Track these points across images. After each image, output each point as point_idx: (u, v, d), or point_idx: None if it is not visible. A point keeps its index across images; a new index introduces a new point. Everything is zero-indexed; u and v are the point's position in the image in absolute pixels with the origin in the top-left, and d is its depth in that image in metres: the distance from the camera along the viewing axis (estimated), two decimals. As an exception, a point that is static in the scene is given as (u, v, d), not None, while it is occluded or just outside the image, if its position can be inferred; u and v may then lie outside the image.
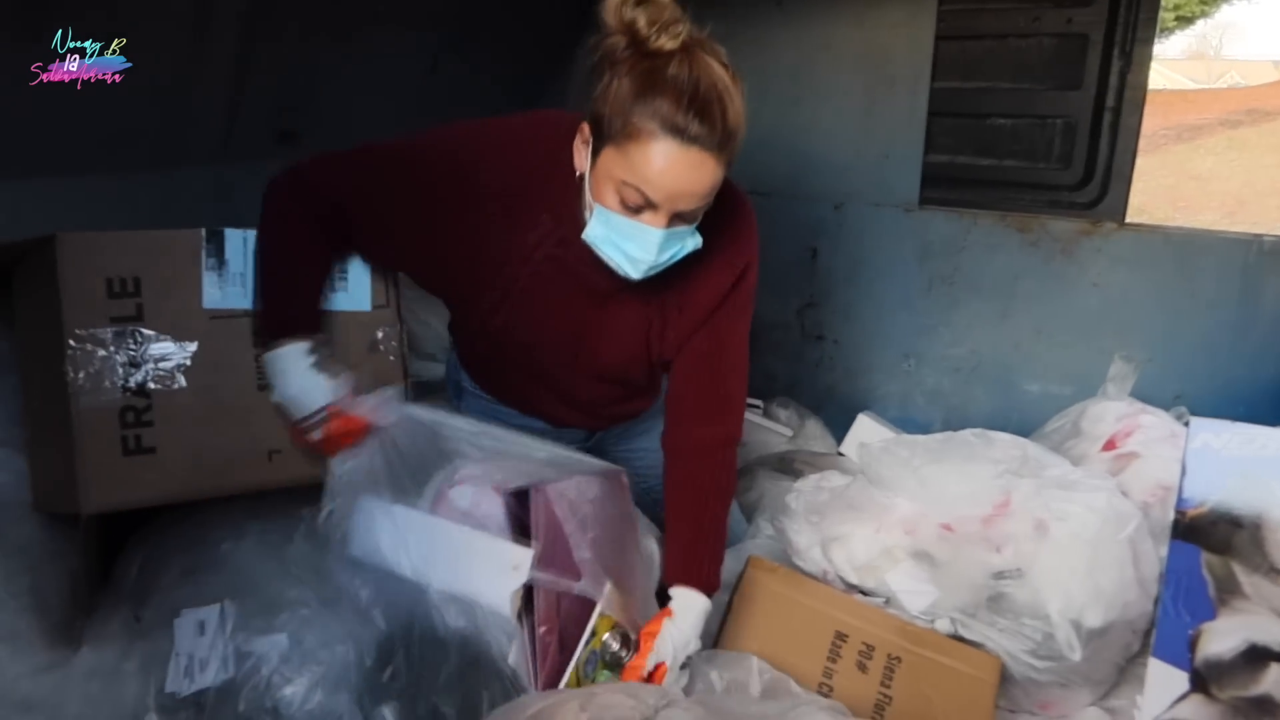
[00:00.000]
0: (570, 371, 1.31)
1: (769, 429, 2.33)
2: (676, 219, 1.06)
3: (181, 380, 1.17)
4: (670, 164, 1.00)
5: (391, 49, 2.05)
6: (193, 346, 1.18)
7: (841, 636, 1.36)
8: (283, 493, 1.27)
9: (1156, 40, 1.97)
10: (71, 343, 1.10)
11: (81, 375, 1.11)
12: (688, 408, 1.29)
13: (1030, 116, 2.10)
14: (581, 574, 1.14)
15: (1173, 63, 18.08)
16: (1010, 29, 2.07)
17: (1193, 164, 10.03)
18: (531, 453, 1.19)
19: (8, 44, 1.32)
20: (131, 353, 1.14)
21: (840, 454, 2.21)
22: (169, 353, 1.17)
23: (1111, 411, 1.82)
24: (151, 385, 1.15)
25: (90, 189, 1.64)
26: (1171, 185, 9.24)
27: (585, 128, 1.07)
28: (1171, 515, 1.07)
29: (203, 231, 1.19)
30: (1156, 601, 1.44)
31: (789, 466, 2.04)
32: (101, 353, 1.12)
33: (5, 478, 1.21)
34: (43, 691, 1.13)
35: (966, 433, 1.73)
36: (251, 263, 1.23)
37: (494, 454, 1.17)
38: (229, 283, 1.20)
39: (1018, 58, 2.08)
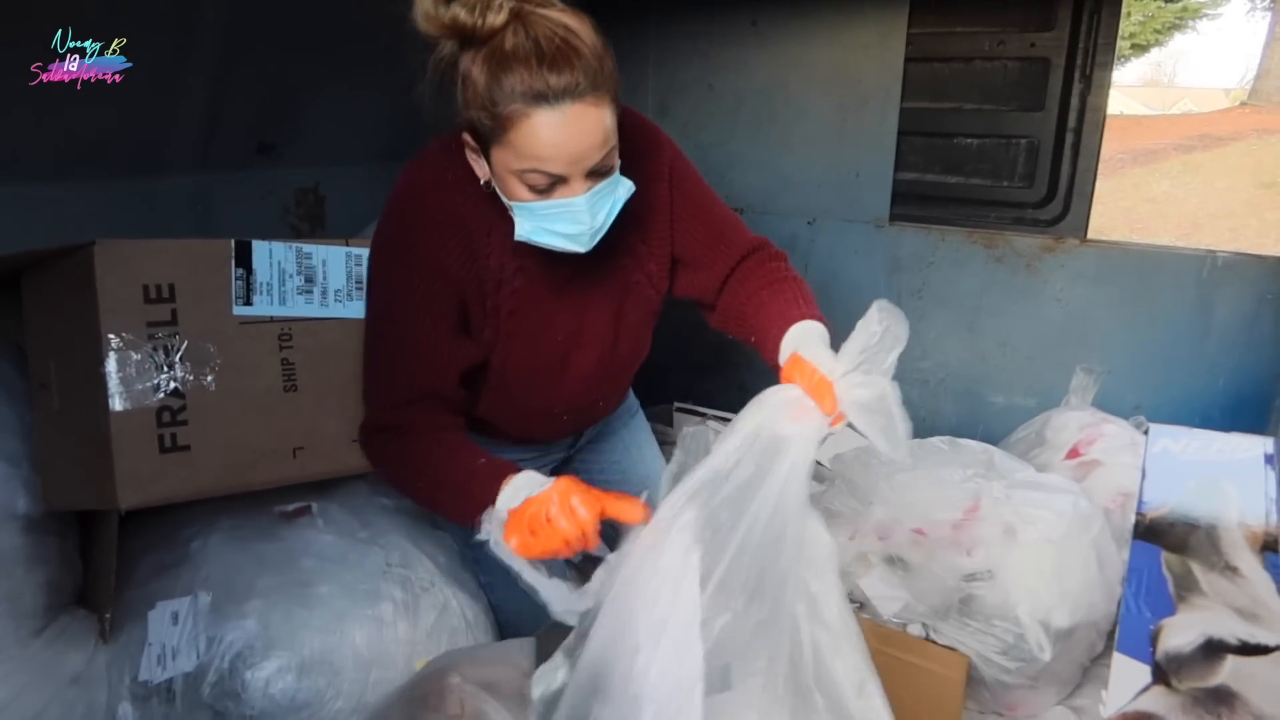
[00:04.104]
0: (604, 363, 1.31)
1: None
2: (593, 176, 1.03)
3: (212, 382, 1.21)
4: (553, 131, 0.96)
5: (370, 65, 2.06)
6: (223, 350, 1.22)
7: (816, 638, 1.39)
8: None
9: (1114, 67, 2.04)
10: (110, 346, 1.13)
11: (119, 377, 1.14)
12: (718, 273, 1.28)
13: (995, 136, 2.17)
14: None
15: (1129, 89, 18.58)
16: (976, 52, 2.14)
17: (1149, 187, 10.28)
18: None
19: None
20: (167, 356, 1.17)
21: (819, 463, 2.24)
22: (201, 356, 1.21)
23: (1074, 421, 1.88)
24: (185, 386, 1.19)
25: (68, 195, 1.63)
26: (1129, 208, 9.47)
27: (467, 138, 1.05)
28: (1133, 519, 1.12)
29: (231, 242, 1.24)
30: (1119, 603, 1.49)
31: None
32: (137, 356, 1.15)
33: (-17, 485, 1.20)
34: (19, 695, 1.13)
35: (936, 440, 1.77)
36: (279, 278, 1.28)
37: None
38: (256, 291, 1.26)
39: (984, 80, 2.15)
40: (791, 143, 2.34)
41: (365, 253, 1.31)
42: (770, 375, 1.06)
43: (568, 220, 1.04)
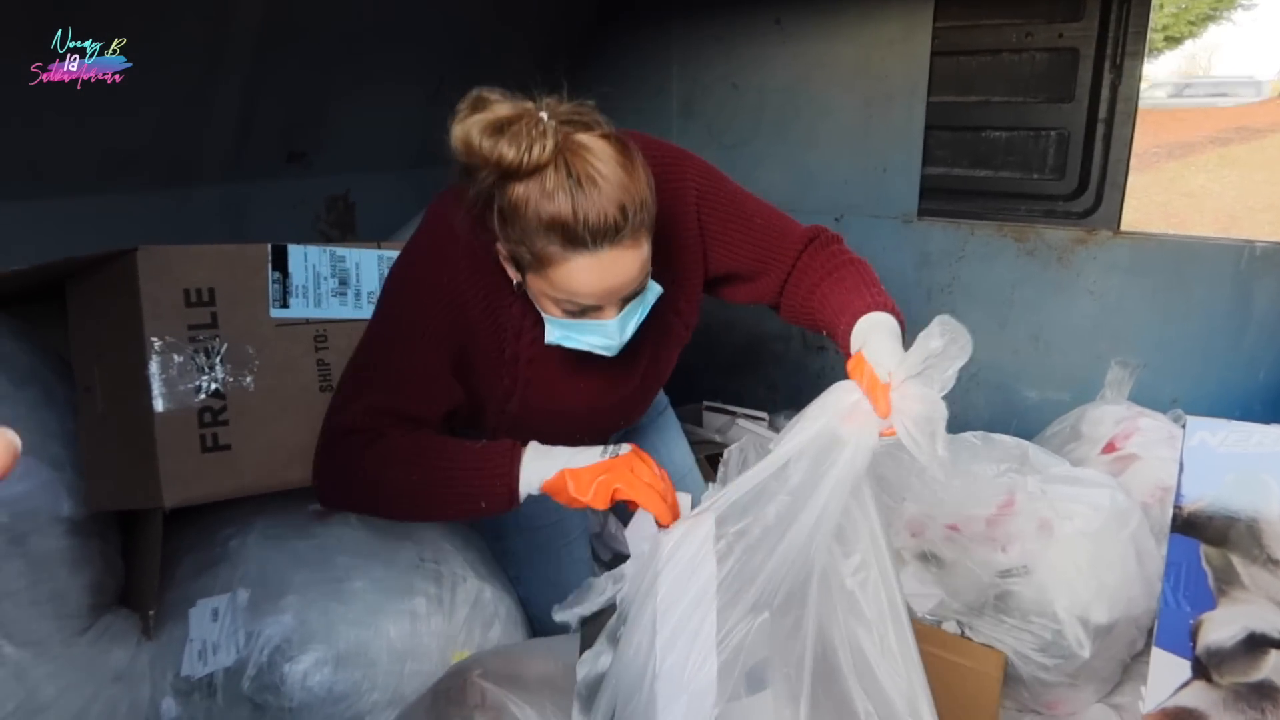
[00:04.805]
0: (629, 398, 1.30)
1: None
2: (626, 300, 1.05)
3: (252, 383, 1.25)
4: (589, 273, 0.97)
5: (398, 70, 2.09)
6: (261, 352, 1.26)
7: (849, 636, 1.38)
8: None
9: (1146, 60, 2.01)
10: (153, 349, 1.17)
11: (162, 379, 1.18)
12: (776, 277, 1.26)
13: (1024, 129, 2.14)
14: None
15: (1163, 82, 18.26)
16: (1003, 44, 2.11)
17: (1185, 181, 10.11)
18: None
19: (20, 58, 1.35)
20: (208, 357, 1.21)
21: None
22: (241, 357, 1.24)
23: (1110, 415, 1.85)
24: (226, 388, 1.22)
25: (103, 206, 1.67)
26: (1164, 202, 9.32)
27: (502, 250, 1.03)
28: (1171, 514, 1.10)
29: (268, 247, 1.28)
30: (1159, 598, 1.46)
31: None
32: (179, 358, 1.19)
33: (29, 487, 1.23)
34: (65, 692, 1.16)
35: (969, 435, 1.76)
36: (314, 281, 1.30)
37: None
38: (292, 294, 1.30)
39: (1011, 72, 2.12)
40: (817, 140, 2.33)
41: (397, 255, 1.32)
42: (797, 374, 1.05)
43: (598, 335, 1.07)
